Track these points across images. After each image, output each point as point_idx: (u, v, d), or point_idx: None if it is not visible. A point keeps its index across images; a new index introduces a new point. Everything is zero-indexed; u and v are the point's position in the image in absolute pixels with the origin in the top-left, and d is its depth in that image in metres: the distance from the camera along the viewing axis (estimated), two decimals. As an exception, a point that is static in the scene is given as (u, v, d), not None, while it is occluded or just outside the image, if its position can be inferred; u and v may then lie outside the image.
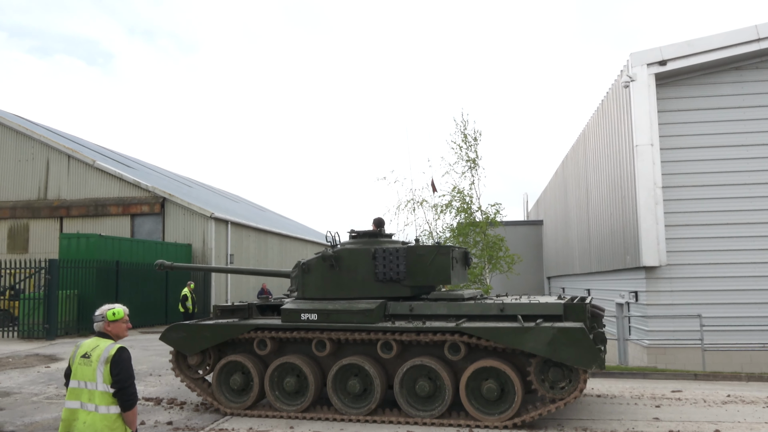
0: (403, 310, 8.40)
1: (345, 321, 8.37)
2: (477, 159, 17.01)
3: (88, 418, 4.40)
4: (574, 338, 7.31)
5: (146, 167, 35.68)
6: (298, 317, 8.58)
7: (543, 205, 36.96)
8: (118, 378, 4.40)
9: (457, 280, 9.25)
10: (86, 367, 4.46)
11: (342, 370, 8.48)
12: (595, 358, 7.25)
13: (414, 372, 8.16)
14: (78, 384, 4.48)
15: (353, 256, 8.90)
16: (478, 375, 7.92)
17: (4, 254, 25.00)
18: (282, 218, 49.24)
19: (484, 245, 16.75)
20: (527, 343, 7.50)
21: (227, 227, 25.83)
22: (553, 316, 7.82)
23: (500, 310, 8.00)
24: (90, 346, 4.56)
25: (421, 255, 8.72)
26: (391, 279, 8.70)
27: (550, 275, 32.80)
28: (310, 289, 9.10)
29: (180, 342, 9.22)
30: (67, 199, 25.48)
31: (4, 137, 26.46)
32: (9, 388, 10.61)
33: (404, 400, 8.17)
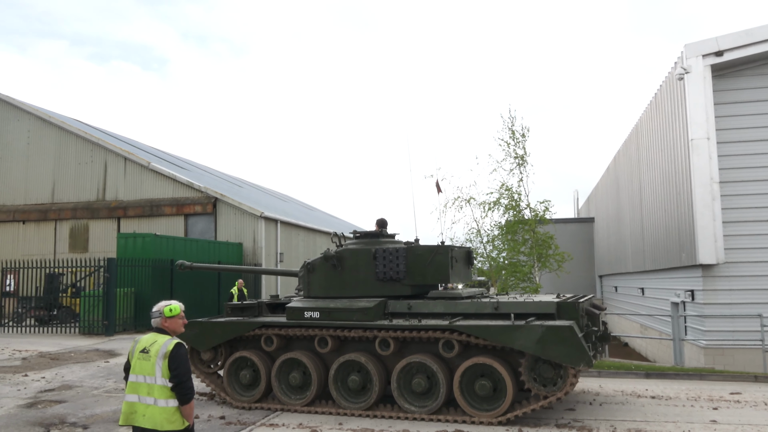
0: (401, 308, 8.64)
1: (345, 319, 8.66)
2: (525, 155, 16.81)
3: (147, 411, 4.56)
4: (562, 336, 7.45)
5: (199, 168, 36.54)
6: (302, 315, 8.92)
7: (594, 202, 36.23)
8: (176, 372, 4.55)
9: (458, 279, 9.43)
10: (145, 361, 4.61)
11: (343, 366, 8.74)
12: (583, 356, 7.36)
13: (410, 369, 8.40)
14: (137, 378, 4.63)
15: (355, 256, 9.19)
16: (471, 372, 8.10)
17: (66, 253, 26.00)
18: (330, 217, 49.68)
19: (533, 243, 16.52)
20: (517, 340, 7.67)
21: (277, 226, 26.23)
22: (546, 314, 7.97)
23: (494, 308, 8.19)
24: (148, 341, 4.71)
25: (420, 255, 8.96)
26: (392, 278, 8.95)
27: (602, 274, 32.13)
28: (314, 288, 9.46)
29: (194, 338, 9.58)
30: (124, 200, 26.32)
31: (65, 141, 27.52)
32: (71, 382, 11.05)
33: (401, 395, 8.41)
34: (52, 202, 27.21)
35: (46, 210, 26.99)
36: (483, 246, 18.44)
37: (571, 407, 9.19)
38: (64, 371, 12.19)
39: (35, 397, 9.79)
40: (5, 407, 9.10)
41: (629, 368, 12.65)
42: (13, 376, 11.58)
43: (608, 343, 9.77)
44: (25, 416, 8.58)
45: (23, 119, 28.26)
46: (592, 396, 10.15)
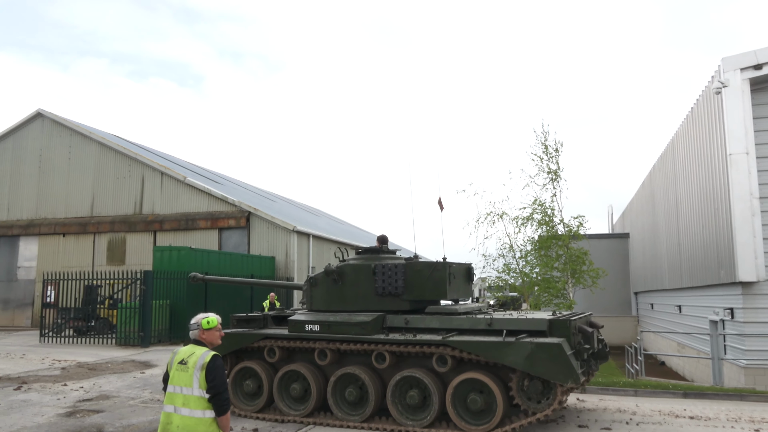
0: (399, 323, 8.85)
1: (344, 332, 8.88)
2: (558, 170, 16.66)
3: (181, 422, 4.64)
4: (551, 354, 7.56)
5: (232, 183, 37.06)
6: (303, 328, 9.20)
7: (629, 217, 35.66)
8: (213, 384, 4.63)
9: (456, 295, 9.55)
10: (183, 372, 4.70)
11: (341, 378, 8.96)
12: (571, 373, 7.45)
13: (405, 382, 8.56)
14: (174, 389, 4.72)
15: (355, 271, 9.45)
16: (463, 386, 8.22)
17: (104, 266, 26.58)
18: (361, 231, 49.80)
19: (567, 259, 16.32)
20: (507, 357, 7.79)
21: (309, 240, 26.43)
22: (538, 331, 8.06)
23: (488, 324, 8.32)
24: (186, 353, 4.80)
25: (419, 270, 9.15)
26: (390, 293, 9.15)
27: (638, 290, 31.55)
28: (317, 301, 9.74)
29: None
30: (160, 213, 26.83)
31: (105, 156, 28.23)
32: (108, 392, 11.27)
33: (396, 408, 8.58)
34: (91, 216, 27.89)
35: (85, 223, 27.67)
36: (516, 261, 18.27)
37: (607, 426, 9.04)
38: (101, 381, 12.43)
39: (74, 407, 10.00)
40: (46, 416, 9.32)
41: (666, 387, 12.38)
42: (53, 386, 11.85)
43: (605, 361, 9.73)
44: (65, 425, 8.78)
45: (65, 135, 29.10)
46: (628, 415, 9.96)
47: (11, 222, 29.07)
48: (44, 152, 29.28)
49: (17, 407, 9.89)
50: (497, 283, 19.49)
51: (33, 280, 28.24)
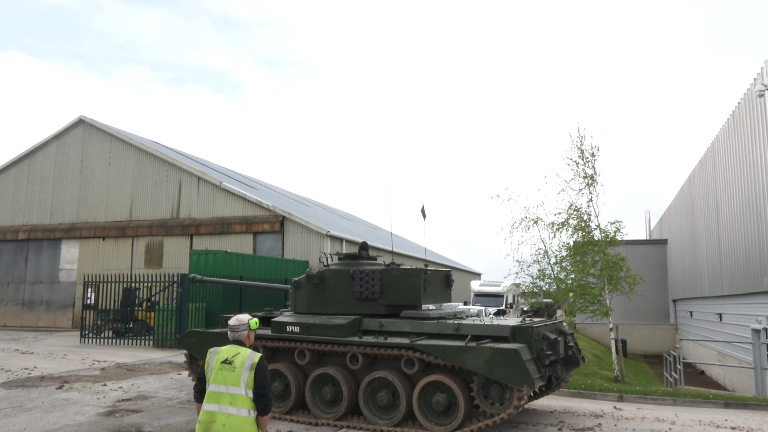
0: (374, 326, 9.30)
1: (321, 334, 9.34)
2: (595, 175, 16.40)
3: (227, 421, 4.69)
4: (508, 359, 7.89)
5: (267, 187, 37.47)
6: (284, 329, 9.67)
7: (667, 223, 35.00)
8: (261, 384, 4.72)
9: (432, 300, 9.94)
10: (229, 372, 4.74)
11: (318, 378, 9.40)
12: (526, 378, 7.76)
13: (376, 383, 8.97)
14: (218, 388, 4.75)
15: (335, 276, 9.87)
16: (429, 388, 8.59)
17: (142, 269, 27.10)
18: (394, 236, 49.84)
19: (604, 265, 16.05)
20: (468, 361, 8.14)
21: (342, 245, 26.52)
22: (501, 337, 8.42)
23: (455, 329, 8.71)
24: (230, 352, 4.85)
25: (395, 277, 9.56)
26: (368, 298, 9.55)
27: (676, 298, 30.92)
28: (300, 304, 10.19)
29: (192, 347, 10.70)
30: (196, 218, 27.27)
31: (143, 161, 28.84)
32: (146, 392, 11.48)
33: (367, 408, 8.99)
34: (130, 220, 28.49)
35: (124, 227, 28.27)
36: (550, 267, 18.05)
37: None
38: (139, 382, 12.67)
39: (113, 406, 10.21)
40: (87, 414, 9.54)
41: (707, 397, 12.11)
42: (93, 386, 12.13)
43: (577, 367, 10.04)
44: (105, 424, 8.97)
45: (105, 141, 29.82)
46: (667, 425, 9.78)
47: (54, 225, 29.87)
48: (85, 158, 30.04)
49: (59, 406, 10.14)
50: (531, 289, 19.29)
51: (74, 282, 28.96)
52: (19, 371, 14.03)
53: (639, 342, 30.68)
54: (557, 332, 9.54)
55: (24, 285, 30.22)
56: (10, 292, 30.40)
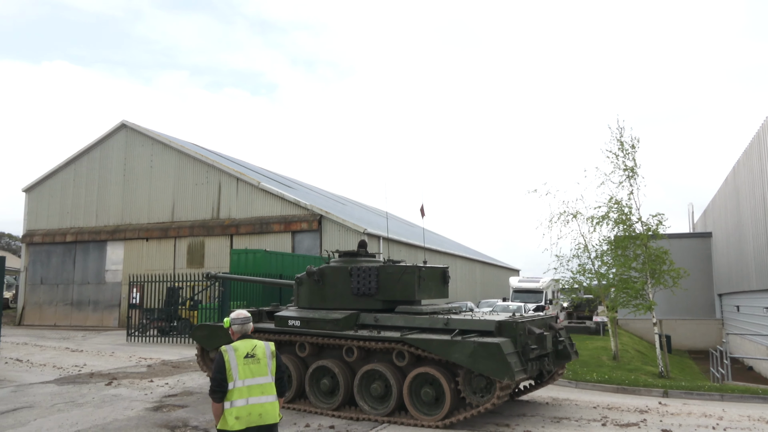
0: (370, 320, 9.70)
1: (320, 328, 9.80)
2: (635, 167, 16.10)
3: (262, 410, 4.93)
4: (490, 352, 8.22)
5: (304, 187, 37.82)
6: (286, 323, 10.22)
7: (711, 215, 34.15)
8: (281, 369, 5.12)
9: (427, 296, 10.24)
10: (255, 365, 4.98)
11: (317, 370, 9.85)
12: (507, 371, 8.08)
13: (370, 375, 9.38)
14: (248, 381, 4.92)
15: (334, 273, 10.30)
16: (418, 380, 8.98)
17: (184, 268, 27.66)
18: (431, 233, 49.75)
19: (646, 258, 15.75)
20: (453, 354, 8.49)
21: (379, 242, 26.62)
22: (487, 332, 8.77)
23: (445, 324, 9.10)
24: (248, 346, 5.06)
25: (391, 273, 9.93)
26: (365, 293, 9.94)
27: (722, 292, 30.15)
28: (302, 299, 10.67)
29: (203, 339, 11.32)
30: (236, 218, 27.70)
31: (184, 164, 29.42)
32: (192, 388, 11.74)
33: (361, 398, 9.41)
34: (172, 221, 29.09)
35: (166, 228, 28.90)
36: (591, 262, 17.76)
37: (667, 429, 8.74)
38: (184, 378, 12.96)
39: (160, 402, 10.48)
40: (135, 409, 9.82)
41: (756, 392, 11.82)
42: (141, 382, 12.46)
43: (569, 360, 10.32)
44: (152, 419, 9.22)
45: (147, 144, 30.51)
46: (714, 420, 9.59)
47: (99, 228, 30.72)
48: (128, 161, 30.78)
49: (109, 401, 10.46)
50: (571, 285, 19.05)
51: (119, 282, 29.73)
52: (70, 368, 14.50)
53: (684, 338, 30.02)
54: (547, 327, 9.80)
55: (72, 286, 31.15)
56: (59, 292, 31.38)
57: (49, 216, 32.32)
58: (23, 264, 32.77)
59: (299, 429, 8.72)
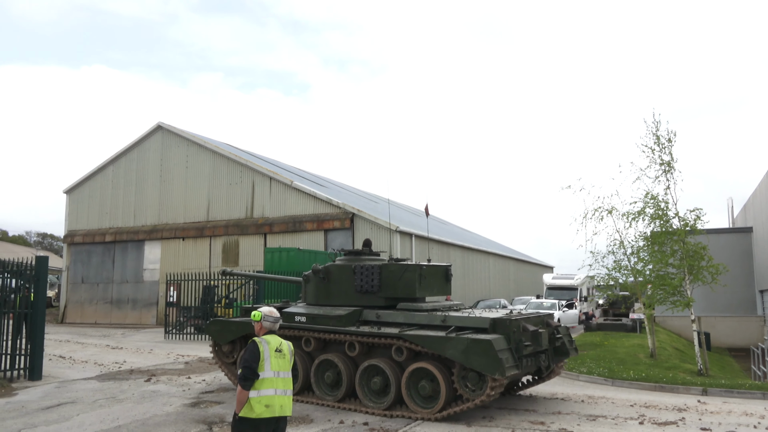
0: (372, 317, 10.04)
1: (324, 324, 10.17)
2: (672, 161, 15.78)
3: (284, 402, 5.26)
4: (482, 348, 8.46)
5: (337, 186, 38.01)
6: (293, 319, 10.56)
7: (752, 210, 33.28)
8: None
9: (429, 293, 10.53)
10: (281, 359, 5.29)
11: (321, 363, 10.26)
12: (498, 366, 8.30)
13: (370, 370, 9.71)
14: (276, 374, 5.23)
15: (339, 271, 10.67)
16: (415, 375, 9.27)
17: (219, 267, 28.05)
18: (464, 231, 49.56)
19: (684, 254, 15.43)
20: (448, 350, 8.77)
21: (411, 240, 26.64)
22: (481, 329, 9.00)
23: (442, 321, 9.35)
24: (276, 342, 5.37)
25: (393, 271, 10.21)
26: (368, 291, 10.25)
27: (764, 288, 29.37)
28: (309, 296, 11.06)
29: (216, 334, 11.75)
30: (269, 217, 28.01)
31: (218, 164, 29.86)
32: (228, 385, 11.93)
33: (362, 392, 9.74)
34: (207, 221, 29.55)
35: (202, 227, 29.37)
36: (626, 258, 17.46)
37: (732, 430, 8.59)
38: (221, 375, 13.17)
39: (198, 398, 10.68)
40: (173, 405, 10.03)
41: (800, 391, 11.49)
42: (179, 378, 12.71)
43: (567, 357, 10.58)
44: (191, 414, 9.40)
45: (182, 145, 31.04)
46: (756, 419, 9.41)
47: (137, 228, 31.37)
48: (164, 162, 31.36)
49: (148, 397, 10.70)
50: (607, 281, 18.76)
51: (157, 281, 30.33)
52: (111, 365, 14.87)
53: (724, 335, 29.33)
54: (543, 325, 10.05)
55: (112, 285, 31.89)
56: (99, 291, 32.16)
57: (89, 217, 33.13)
58: (65, 264, 33.67)
59: (334, 425, 8.81)
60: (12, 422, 8.95)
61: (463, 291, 32.62)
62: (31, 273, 12.89)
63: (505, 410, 9.95)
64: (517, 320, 9.21)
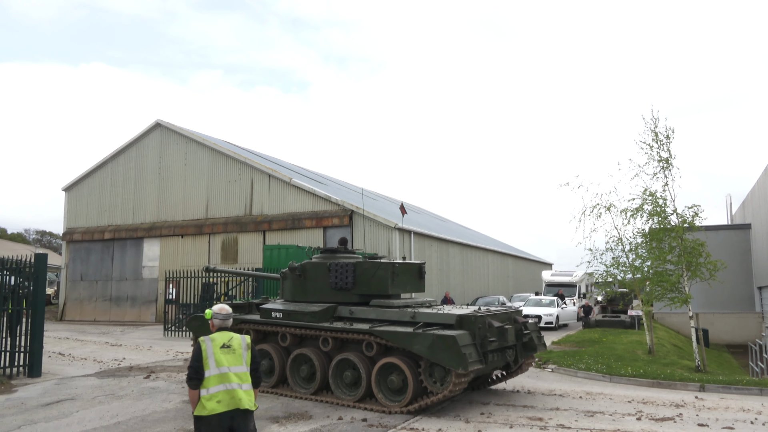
0: (345, 313, 10.34)
1: (299, 320, 10.52)
2: (670, 158, 15.82)
3: (237, 395, 5.19)
4: (446, 344, 8.75)
5: (336, 183, 38.01)
6: (270, 315, 10.95)
7: (750, 206, 33.34)
8: (256, 360, 5.46)
9: (402, 290, 10.78)
10: (230, 355, 5.27)
11: (297, 357, 10.63)
12: (461, 361, 8.59)
13: (343, 363, 10.06)
14: (223, 369, 5.21)
15: (315, 269, 10.94)
16: (384, 369, 9.57)
17: (219, 264, 28.08)
18: (463, 228, 49.59)
19: (682, 251, 15.47)
20: (415, 345, 9.07)
21: (410, 237, 26.67)
22: (448, 325, 9.27)
23: (411, 317, 9.64)
24: (224, 338, 5.35)
25: (366, 269, 10.48)
26: (342, 288, 10.54)
27: (762, 285, 29.42)
28: (286, 293, 11.37)
29: (197, 329, 12.03)
30: (268, 214, 28.01)
31: (217, 161, 29.85)
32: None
33: (335, 384, 10.10)
34: (206, 218, 29.56)
35: (201, 225, 29.38)
36: (625, 255, 17.50)
37: (730, 426, 8.66)
38: (220, 372, 13.18)
39: (197, 394, 10.69)
40: (173, 402, 10.05)
41: (797, 387, 11.53)
42: (177, 375, 12.73)
43: (534, 352, 10.81)
44: (189, 411, 9.35)
45: (181, 143, 31.03)
46: (753, 415, 9.45)
47: (136, 225, 31.37)
48: (163, 159, 31.35)
49: (147, 394, 10.72)
50: (605, 278, 18.79)
51: (156, 278, 30.35)
52: (110, 362, 14.89)
53: (722, 332, 29.39)
54: (510, 321, 10.31)
55: (111, 282, 31.90)
56: (98, 289, 32.17)
57: (88, 214, 33.12)
58: (64, 261, 33.68)
59: (332, 421, 8.83)
60: (12, 419, 8.98)
61: (462, 288, 32.67)
62: (30, 270, 12.90)
63: (503, 406, 9.98)
64: (483, 317, 9.48)
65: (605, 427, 8.67)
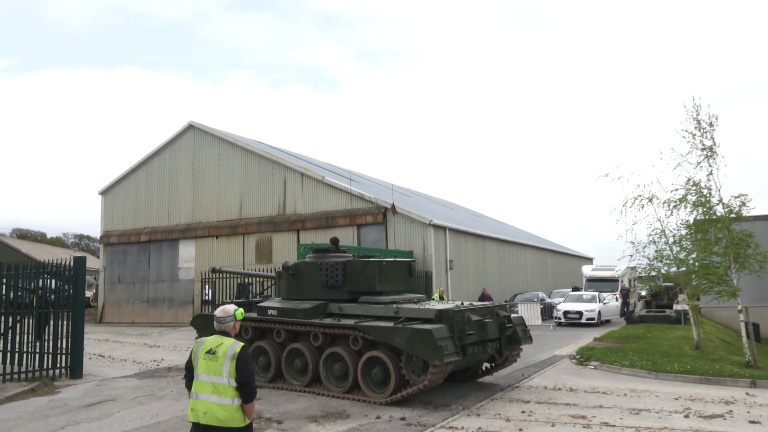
0: (335, 309, 10.91)
1: (292, 316, 11.10)
2: (714, 146, 15.23)
3: (208, 409, 4.74)
4: (423, 337, 9.17)
5: (369, 180, 37.89)
6: (266, 312, 11.57)
7: (798, 196, 32.08)
8: (243, 373, 4.75)
9: (390, 287, 11.25)
10: (212, 362, 4.80)
11: (291, 352, 11.30)
12: (438, 353, 8.98)
13: (332, 357, 10.68)
14: (203, 377, 4.81)
15: (307, 267, 11.54)
16: (369, 362, 10.10)
17: (253, 264, 28.22)
18: (499, 224, 49.04)
19: (728, 242, 14.89)
20: (395, 339, 9.52)
21: (446, 233, 26.38)
22: (428, 319, 9.66)
23: (395, 312, 10.06)
24: (214, 343, 4.90)
25: (355, 267, 11.00)
26: (333, 285, 11.07)
27: (813, 277, 28.28)
28: (282, 291, 12.06)
29: (200, 327, 12.59)
30: (302, 213, 28.02)
31: (250, 161, 29.99)
32: (264, 381, 11.87)
33: (325, 377, 10.73)
34: (240, 218, 29.73)
35: (235, 225, 29.55)
36: (669, 247, 16.93)
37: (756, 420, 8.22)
38: (257, 371, 13.15)
39: (235, 394, 10.65)
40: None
41: None
42: (215, 375, 12.72)
43: (519, 345, 11.24)
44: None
45: (214, 144, 31.27)
46: (812, 412, 8.97)
47: (171, 227, 31.72)
48: (196, 161, 31.64)
49: (186, 394, 10.70)
50: (648, 272, 18.24)
51: (192, 279, 30.64)
52: (149, 363, 15.02)
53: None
54: (492, 315, 10.75)
55: (148, 284, 32.34)
56: (136, 291, 32.65)
57: (124, 217, 33.64)
58: (102, 264, 34.26)
59: (370, 420, 8.70)
60: (56, 419, 9.08)
61: (499, 284, 32.25)
62: (70, 273, 13.06)
63: (544, 404, 9.73)
64: (462, 311, 9.92)
65: (651, 425, 8.36)
